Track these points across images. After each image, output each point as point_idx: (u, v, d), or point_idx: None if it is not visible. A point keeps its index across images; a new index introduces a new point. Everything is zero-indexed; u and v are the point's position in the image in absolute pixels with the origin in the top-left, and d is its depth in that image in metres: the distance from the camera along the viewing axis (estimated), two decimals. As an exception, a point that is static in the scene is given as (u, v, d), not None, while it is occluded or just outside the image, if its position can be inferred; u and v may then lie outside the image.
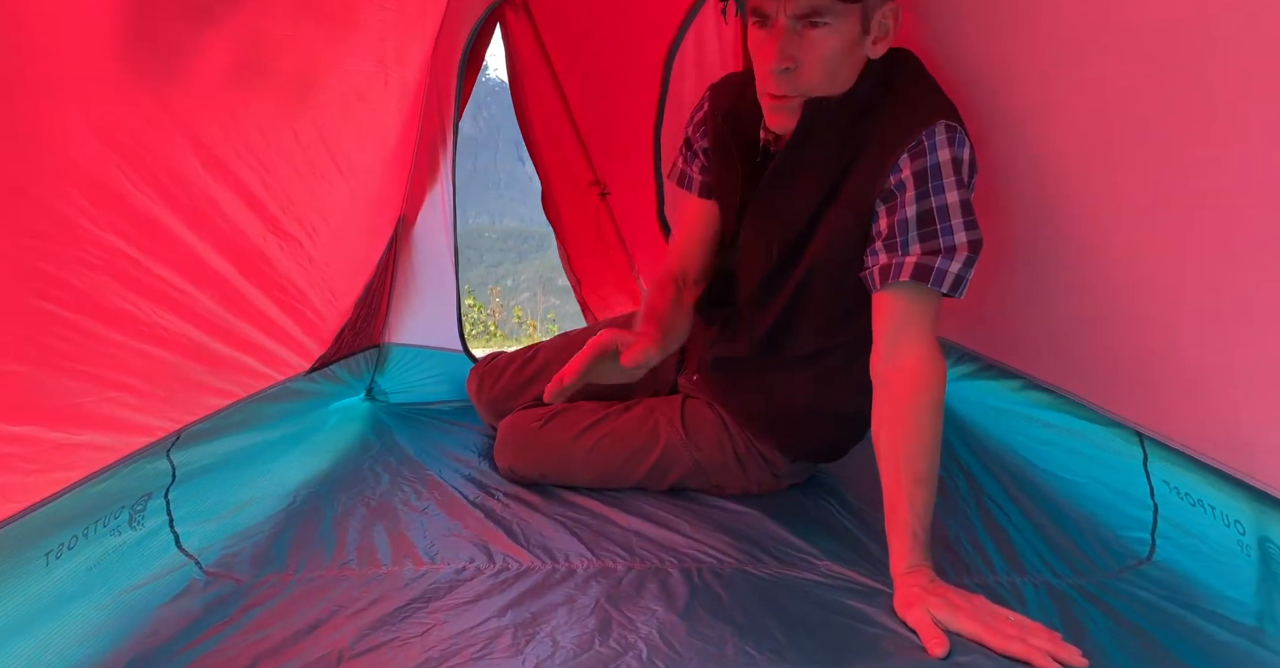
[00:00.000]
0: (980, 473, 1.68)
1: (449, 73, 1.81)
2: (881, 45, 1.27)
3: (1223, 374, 1.07)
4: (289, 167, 1.20)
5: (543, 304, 26.81)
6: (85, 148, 0.80)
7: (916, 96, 1.27)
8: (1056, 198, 1.31)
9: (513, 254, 58.41)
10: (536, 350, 1.83)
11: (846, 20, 1.21)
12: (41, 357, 0.85)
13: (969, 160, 1.22)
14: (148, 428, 1.14)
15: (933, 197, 1.20)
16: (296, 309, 1.49)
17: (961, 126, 1.22)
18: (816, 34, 1.20)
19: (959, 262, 1.19)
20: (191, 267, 1.09)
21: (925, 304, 1.22)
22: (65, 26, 0.73)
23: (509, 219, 66.39)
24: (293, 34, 1.06)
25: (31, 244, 0.79)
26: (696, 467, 1.57)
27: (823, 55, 1.22)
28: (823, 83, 1.25)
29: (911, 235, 1.21)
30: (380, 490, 1.60)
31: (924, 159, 1.20)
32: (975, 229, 1.21)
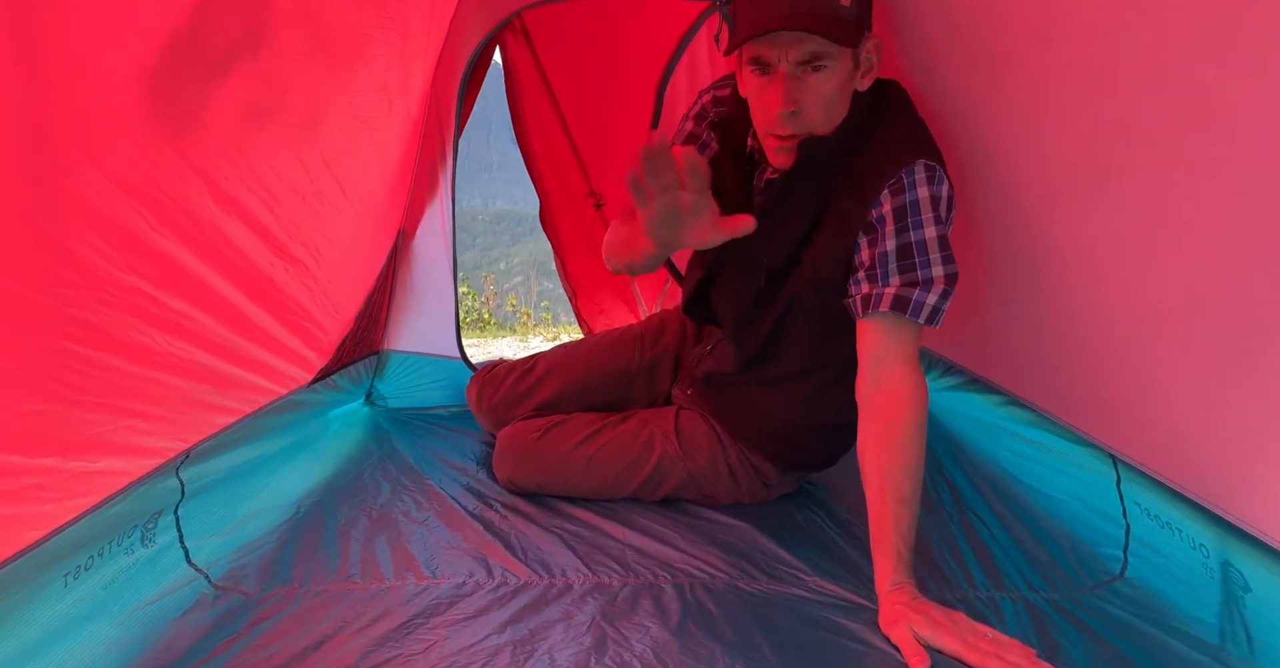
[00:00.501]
0: (964, 485, 1.74)
1: (449, 94, 1.84)
2: (868, 78, 1.31)
3: (1191, 406, 1.12)
4: (296, 196, 1.23)
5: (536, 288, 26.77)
6: (109, 198, 0.84)
7: (899, 133, 1.31)
8: (1038, 225, 1.35)
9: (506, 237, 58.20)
10: (536, 361, 1.87)
11: (842, 61, 1.26)
12: (65, 394, 0.89)
13: (947, 197, 1.27)
14: (159, 450, 1.18)
15: (911, 231, 1.25)
16: (301, 326, 1.52)
17: (940, 165, 1.27)
18: (816, 78, 1.25)
19: (935, 294, 1.24)
20: (202, 296, 1.12)
21: (906, 332, 1.27)
22: (95, 88, 0.76)
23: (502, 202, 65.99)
24: (301, 75, 1.09)
25: (59, 292, 0.83)
26: (690, 478, 1.62)
27: (823, 97, 1.26)
28: (823, 121, 1.29)
29: (891, 267, 1.26)
30: (381, 500, 1.64)
31: (903, 196, 1.25)
32: (951, 263, 1.26)
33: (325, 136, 1.27)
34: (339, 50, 1.17)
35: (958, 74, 1.37)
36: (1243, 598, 1.10)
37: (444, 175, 1.97)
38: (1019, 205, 1.37)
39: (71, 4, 0.69)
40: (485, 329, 8.43)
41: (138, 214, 0.89)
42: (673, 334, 1.83)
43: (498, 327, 8.35)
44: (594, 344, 1.89)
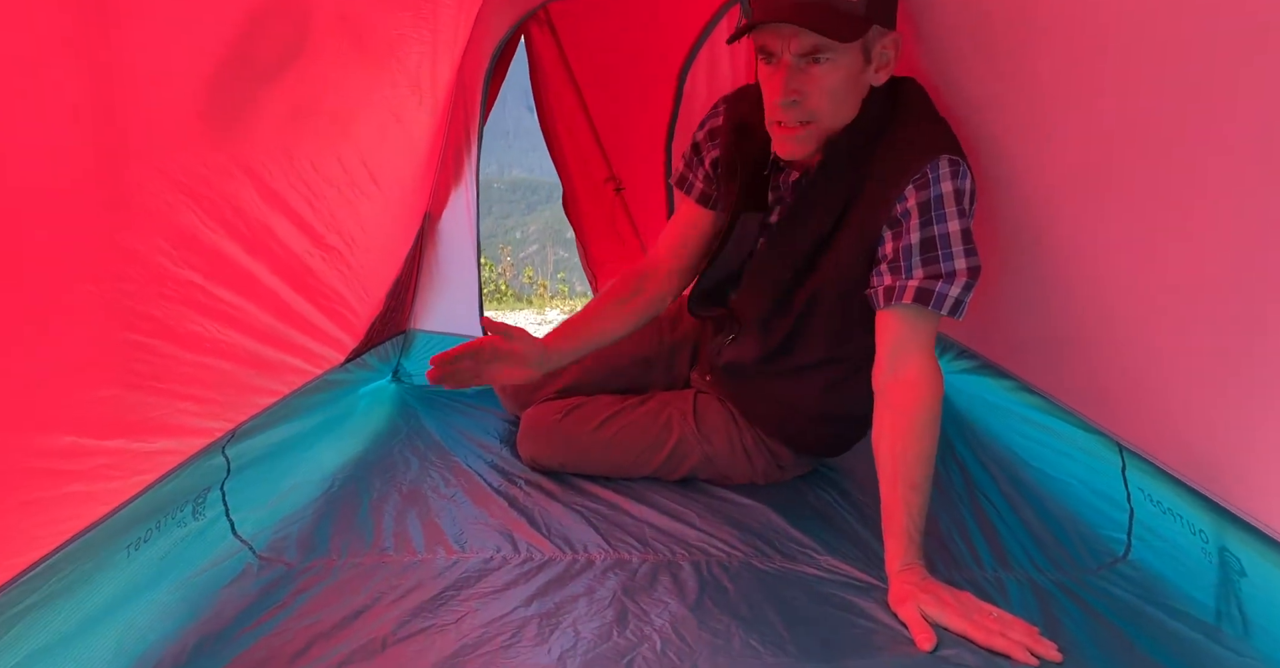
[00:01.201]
0: (974, 467, 1.79)
1: (475, 82, 1.88)
2: (883, 73, 1.33)
3: (1192, 397, 1.16)
4: (334, 189, 1.28)
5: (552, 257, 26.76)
6: (168, 200, 0.90)
7: (921, 128, 1.34)
8: (1051, 217, 1.38)
9: (521, 205, 57.94)
10: None
11: (848, 54, 1.27)
12: (130, 380, 0.96)
13: (970, 191, 1.30)
14: (208, 431, 1.25)
15: (935, 225, 1.28)
16: (335, 310, 1.59)
17: (963, 159, 1.30)
18: (820, 70, 1.27)
19: (958, 286, 1.28)
20: (248, 286, 1.18)
21: (925, 324, 1.31)
22: (159, 100, 0.81)
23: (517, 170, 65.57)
24: (340, 76, 1.14)
25: (122, 287, 0.89)
26: (707, 459, 1.67)
27: (827, 89, 1.29)
28: (829, 112, 1.32)
29: (915, 260, 1.29)
30: (410, 476, 1.71)
31: (928, 190, 1.28)
32: (974, 256, 1.29)
33: (360, 131, 1.32)
34: (375, 51, 1.21)
35: (973, 71, 1.39)
36: (1238, 582, 1.15)
37: (469, 161, 2.02)
38: (1031, 199, 1.40)
39: (140, 24, 0.74)
40: (502, 301, 8.49)
41: (193, 213, 0.95)
42: (691, 320, 1.88)
43: (515, 298, 8.41)
44: None
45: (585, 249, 2.57)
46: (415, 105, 1.47)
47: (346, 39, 1.11)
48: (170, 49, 0.81)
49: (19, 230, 0.65)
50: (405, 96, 1.42)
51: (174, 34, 0.81)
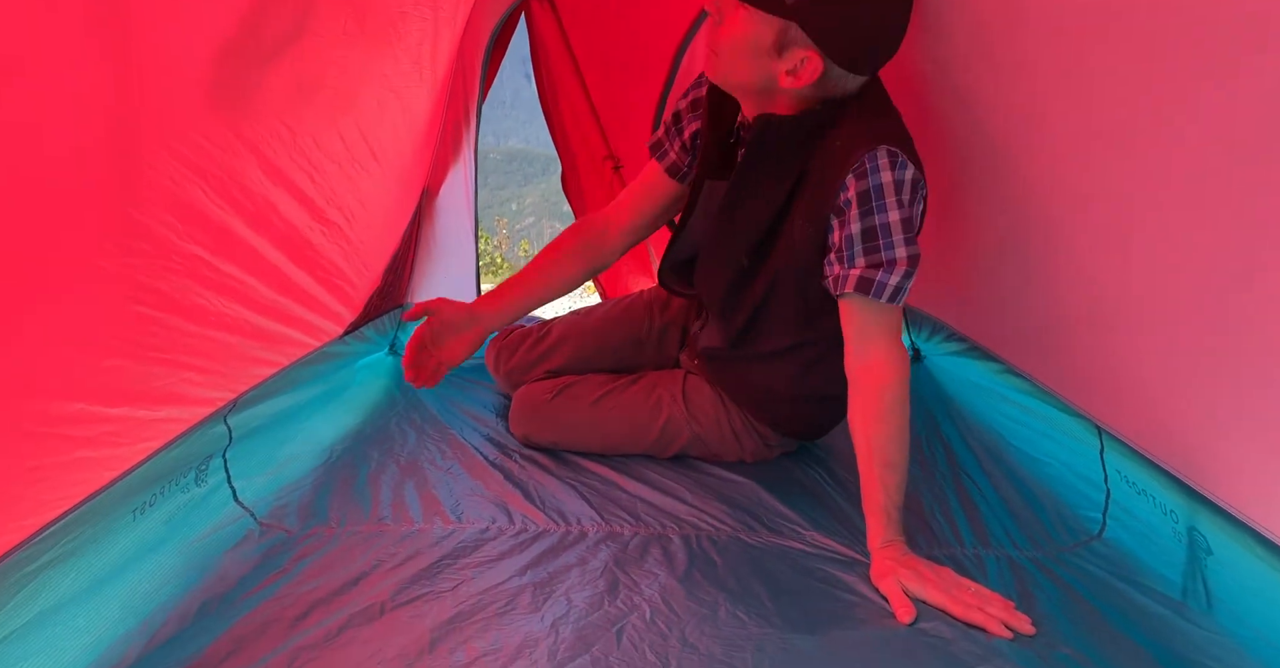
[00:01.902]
0: (959, 446, 1.83)
1: (475, 59, 1.89)
2: (791, 81, 1.31)
3: (1168, 384, 1.20)
4: (334, 165, 1.30)
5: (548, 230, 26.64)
6: (176, 177, 0.92)
7: (866, 121, 1.35)
8: (1039, 207, 1.41)
9: (518, 177, 57.66)
10: (550, 328, 1.94)
11: (755, 25, 1.29)
12: (136, 351, 0.99)
13: (910, 181, 1.31)
14: (211, 400, 1.28)
15: (875, 215, 1.30)
16: (335, 284, 1.61)
17: (904, 151, 1.31)
18: (735, 14, 1.32)
19: (898, 275, 1.31)
20: (252, 261, 1.21)
21: (882, 310, 1.34)
22: (170, 79, 0.83)
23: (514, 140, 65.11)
24: (343, 54, 1.15)
25: (130, 261, 0.91)
26: (696, 438, 1.70)
27: (729, 38, 1.34)
28: (725, 59, 1.37)
29: (857, 249, 1.32)
30: (408, 449, 1.74)
31: (866, 180, 1.30)
32: (914, 245, 1.32)
33: (361, 108, 1.33)
34: (376, 29, 1.22)
35: (966, 63, 1.41)
36: (1205, 560, 1.19)
37: (467, 137, 2.03)
38: (1019, 188, 1.42)
39: (156, 4, 0.76)
40: (498, 273, 8.50)
41: (199, 190, 0.97)
42: (681, 302, 1.90)
43: (510, 270, 8.43)
44: (605, 312, 1.96)
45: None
46: (415, 82, 1.48)
47: (349, 17, 1.12)
48: (183, 28, 0.83)
49: (37, 206, 0.67)
50: (406, 73, 1.43)
51: (187, 13, 0.82)
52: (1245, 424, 1.05)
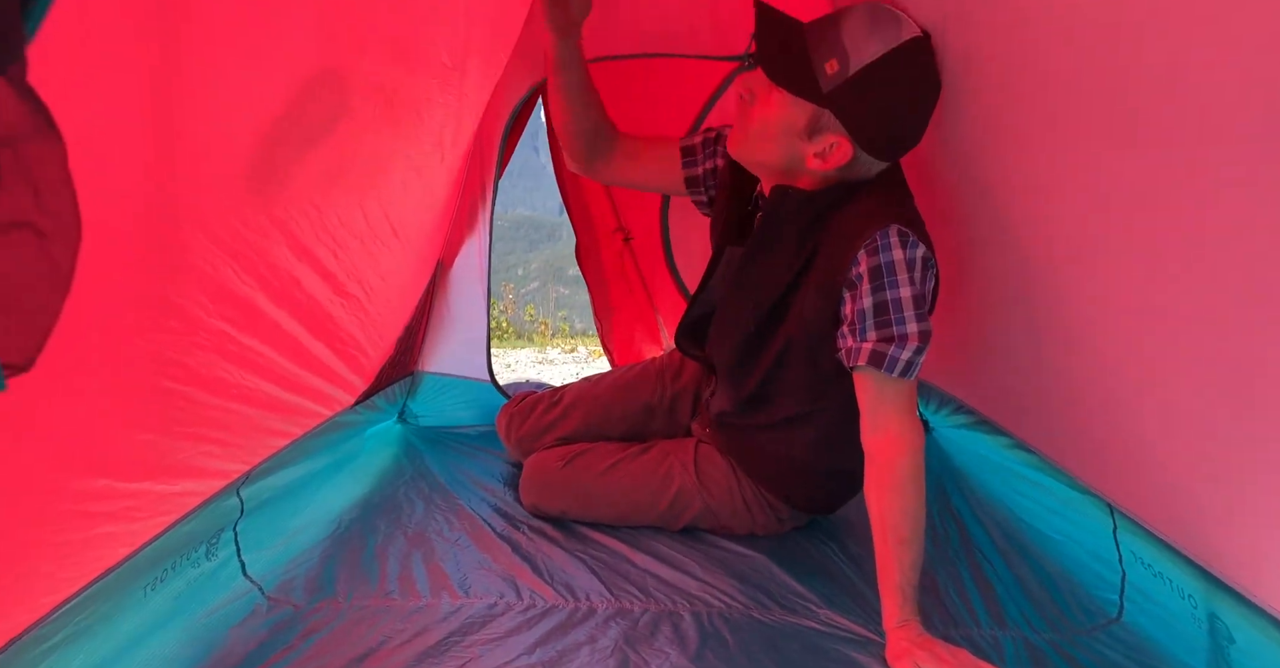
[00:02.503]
0: (971, 522, 1.81)
1: (493, 139, 1.95)
2: (819, 163, 1.38)
3: (1181, 462, 1.20)
4: (356, 241, 1.34)
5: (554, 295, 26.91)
6: (209, 257, 0.95)
7: (879, 198, 1.40)
8: (1044, 279, 1.43)
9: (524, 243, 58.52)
10: (562, 394, 1.96)
11: (792, 108, 1.36)
12: (161, 425, 1.00)
13: (921, 258, 1.35)
14: (227, 473, 1.29)
15: (887, 290, 1.34)
16: (350, 354, 1.63)
17: (915, 231, 1.35)
18: (771, 96, 1.38)
19: (909, 350, 1.33)
20: (273, 334, 1.23)
21: (895, 384, 1.36)
22: (212, 166, 0.87)
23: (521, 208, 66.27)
24: (371, 138, 1.20)
25: (161, 338, 0.93)
26: (707, 510, 1.70)
27: (765, 114, 1.40)
28: (755, 132, 1.42)
29: (869, 323, 1.35)
30: (416, 519, 1.74)
31: (878, 257, 1.34)
32: (925, 321, 1.35)
33: (385, 187, 1.38)
34: (404, 115, 1.28)
35: (971, 134, 1.45)
36: (1228, 649, 1.17)
37: (483, 211, 2.08)
38: (1027, 260, 1.44)
39: (204, 97, 0.80)
40: (504, 338, 8.53)
41: (230, 269, 1.00)
42: (692, 370, 1.92)
43: (515, 336, 8.45)
44: (617, 379, 1.98)
45: (595, 298, 2.64)
46: (437, 161, 1.54)
47: (379, 104, 1.17)
48: (228, 119, 0.87)
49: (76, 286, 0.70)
50: (428, 153, 1.48)
51: (233, 105, 0.86)
52: (1263, 507, 1.05)
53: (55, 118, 0.58)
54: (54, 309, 0.65)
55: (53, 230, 0.61)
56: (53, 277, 0.63)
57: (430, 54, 1.31)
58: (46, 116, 0.57)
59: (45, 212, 0.59)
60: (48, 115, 0.57)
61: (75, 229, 0.63)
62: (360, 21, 1.07)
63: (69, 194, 0.61)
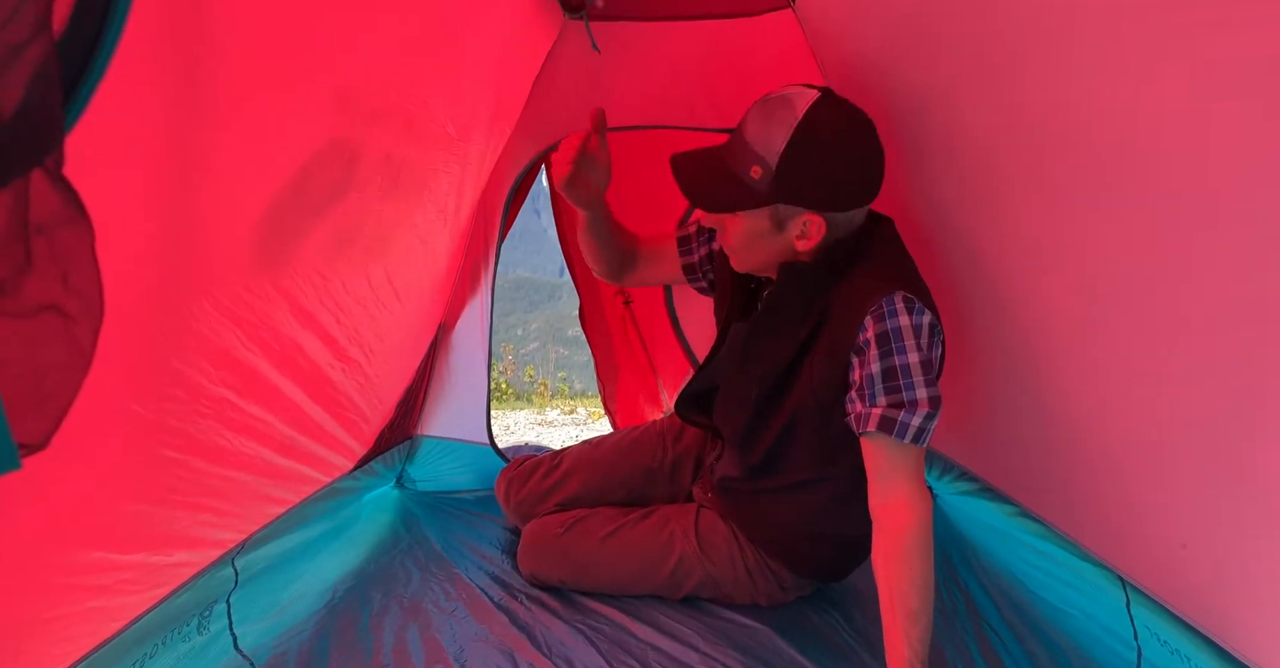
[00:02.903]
0: (979, 594, 1.77)
1: (496, 205, 1.99)
2: (805, 244, 1.42)
3: (1197, 540, 1.18)
4: (360, 306, 1.35)
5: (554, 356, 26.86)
6: (214, 325, 0.95)
7: (883, 264, 1.43)
8: (1049, 348, 1.43)
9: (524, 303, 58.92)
10: (561, 458, 1.94)
11: (749, 218, 1.42)
12: (159, 495, 0.99)
13: (928, 326, 1.36)
14: (223, 542, 1.27)
15: (895, 356, 1.34)
16: (349, 419, 1.62)
17: (920, 298, 1.37)
18: (725, 220, 1.46)
19: (919, 416, 1.33)
20: (273, 399, 1.23)
21: (904, 450, 1.35)
22: (221, 236, 0.88)
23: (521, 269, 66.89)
24: (376, 208, 1.22)
25: (164, 406, 0.93)
26: (709, 578, 1.66)
27: (730, 237, 1.47)
28: (739, 256, 1.50)
29: (878, 388, 1.35)
30: (411, 588, 1.70)
31: (884, 323, 1.35)
32: (934, 387, 1.35)
33: (390, 254, 1.39)
34: (410, 184, 1.30)
35: (968, 213, 1.48)
36: (1247, 729, 1.13)
37: (486, 276, 2.10)
38: (1029, 330, 1.45)
39: (219, 169, 0.82)
40: (503, 399, 8.48)
41: (234, 336, 1.01)
42: (694, 434, 1.91)
43: (515, 398, 8.41)
44: (617, 442, 1.97)
45: (597, 360, 2.64)
46: (441, 227, 1.56)
47: (387, 174, 1.20)
48: (240, 190, 0.89)
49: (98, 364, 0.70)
50: (432, 220, 1.50)
51: (245, 176, 0.88)
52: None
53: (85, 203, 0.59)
54: (73, 389, 0.65)
55: (78, 312, 0.62)
56: (75, 358, 0.64)
57: (437, 126, 1.34)
58: (78, 203, 0.58)
59: (72, 294, 0.60)
60: (79, 202, 0.58)
61: (99, 310, 0.64)
62: (373, 96, 1.10)
63: (95, 276, 0.62)
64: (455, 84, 1.36)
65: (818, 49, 1.90)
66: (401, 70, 1.16)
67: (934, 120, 1.45)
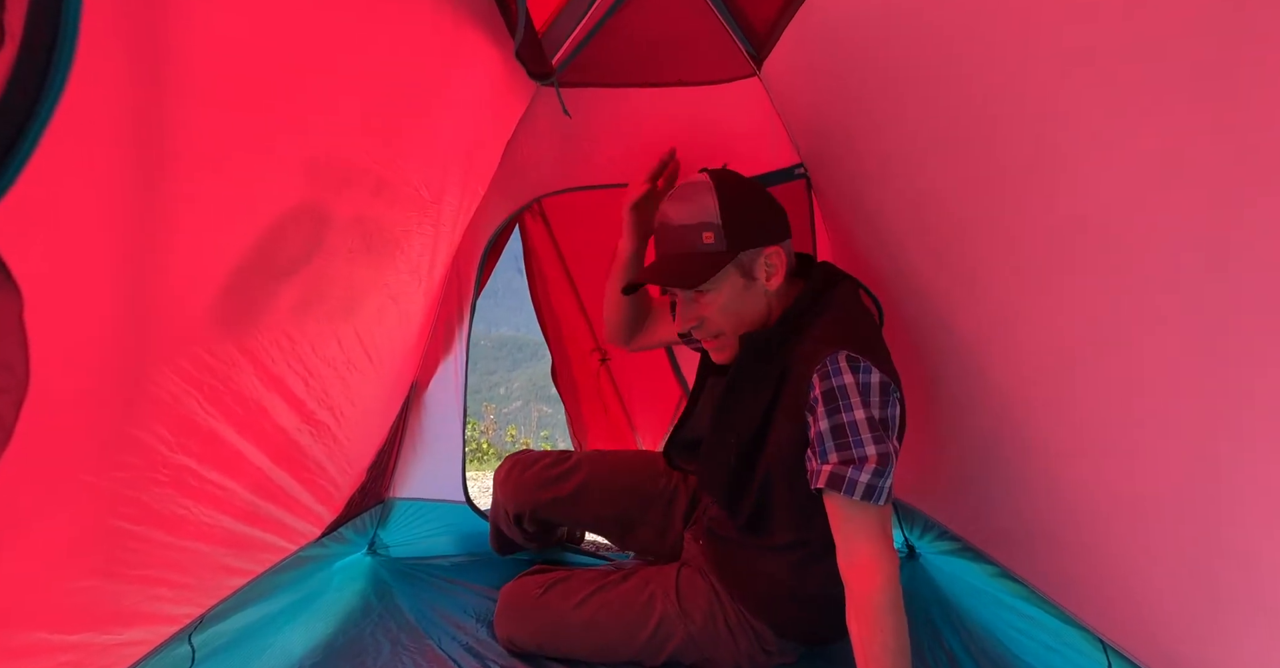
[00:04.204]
0: (962, 656, 1.73)
1: (470, 264, 2.00)
2: (776, 280, 1.49)
3: (1175, 607, 1.15)
4: (329, 368, 1.33)
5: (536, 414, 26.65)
6: (174, 391, 0.93)
7: (830, 326, 1.45)
8: (1024, 410, 1.43)
9: (506, 362, 58.74)
10: (572, 455, 1.98)
11: (724, 281, 1.47)
12: (110, 569, 0.95)
13: (877, 383, 1.36)
14: (178, 618, 1.22)
15: (842, 413, 1.35)
16: (317, 483, 1.58)
17: (868, 355, 1.37)
18: (705, 298, 1.49)
19: (867, 472, 1.32)
20: (235, 465, 1.19)
21: (861, 508, 1.34)
22: (180, 300, 0.87)
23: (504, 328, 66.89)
24: (347, 269, 1.22)
25: (117, 475, 0.90)
26: (690, 640, 1.62)
27: (717, 309, 1.49)
28: (731, 325, 1.51)
29: (828, 445, 1.35)
30: (381, 663, 1.64)
31: (830, 381, 1.36)
32: (883, 443, 1.34)
33: (361, 315, 1.38)
34: (381, 246, 1.30)
35: (930, 277, 1.50)
36: None
37: (460, 334, 2.10)
38: (1004, 391, 1.45)
39: (179, 225, 0.81)
40: (484, 460, 8.37)
41: (194, 402, 0.98)
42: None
43: (496, 458, 8.30)
44: (627, 457, 2.02)
45: (571, 416, 2.63)
46: (413, 287, 1.55)
47: (358, 236, 1.20)
48: (202, 253, 0.88)
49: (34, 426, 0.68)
50: (405, 281, 1.50)
51: (208, 240, 0.87)
52: (1260, 651, 1.01)
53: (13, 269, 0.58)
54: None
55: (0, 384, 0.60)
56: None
57: (410, 189, 1.35)
58: (3, 270, 0.57)
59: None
60: (4, 269, 0.57)
61: (24, 381, 0.62)
62: (343, 160, 1.11)
63: (21, 346, 0.61)
64: (428, 148, 1.37)
65: (785, 116, 1.95)
66: (373, 135, 1.17)
67: (899, 184, 1.48)
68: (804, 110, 1.82)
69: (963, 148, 1.23)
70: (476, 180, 1.69)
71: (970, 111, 1.16)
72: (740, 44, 1.89)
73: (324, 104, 0.99)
